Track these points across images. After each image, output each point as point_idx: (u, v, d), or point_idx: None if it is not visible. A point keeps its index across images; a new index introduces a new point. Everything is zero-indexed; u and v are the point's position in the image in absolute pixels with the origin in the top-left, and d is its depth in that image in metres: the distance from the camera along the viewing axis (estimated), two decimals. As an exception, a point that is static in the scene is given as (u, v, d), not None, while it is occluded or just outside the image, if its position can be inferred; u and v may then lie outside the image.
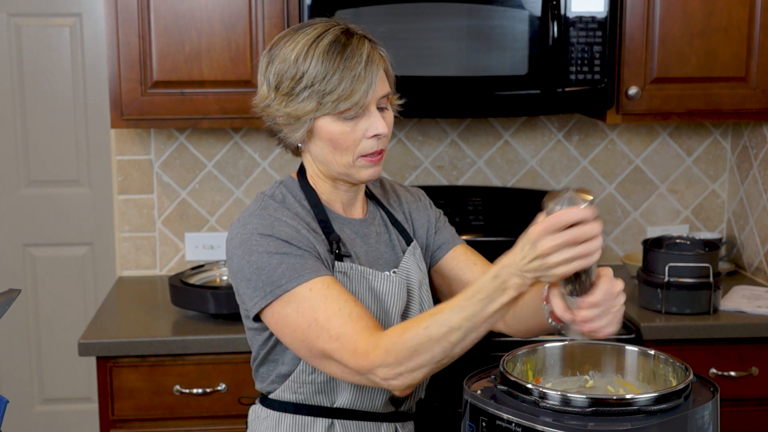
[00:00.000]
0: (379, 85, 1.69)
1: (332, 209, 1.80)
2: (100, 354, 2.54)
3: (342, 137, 1.69)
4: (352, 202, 1.83)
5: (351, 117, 1.68)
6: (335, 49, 1.66)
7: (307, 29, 1.70)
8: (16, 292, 1.52)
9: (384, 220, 1.88)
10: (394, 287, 1.77)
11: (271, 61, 1.71)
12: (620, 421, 1.41)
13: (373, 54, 1.68)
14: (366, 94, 1.66)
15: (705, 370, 2.63)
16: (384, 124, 1.70)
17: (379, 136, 1.71)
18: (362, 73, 1.65)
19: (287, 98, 1.68)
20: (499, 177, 3.21)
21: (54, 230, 3.51)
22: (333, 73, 1.64)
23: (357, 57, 1.66)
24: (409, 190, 1.98)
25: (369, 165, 1.74)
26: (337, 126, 1.68)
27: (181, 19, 2.68)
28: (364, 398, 1.77)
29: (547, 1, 2.65)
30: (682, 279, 2.65)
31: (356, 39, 1.68)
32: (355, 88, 1.65)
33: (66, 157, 3.46)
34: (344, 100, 1.65)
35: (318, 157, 1.75)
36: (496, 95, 2.72)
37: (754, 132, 3.08)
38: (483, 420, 1.48)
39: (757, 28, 2.79)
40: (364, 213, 1.86)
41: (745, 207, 3.14)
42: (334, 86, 1.65)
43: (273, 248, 1.65)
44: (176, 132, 3.10)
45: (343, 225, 1.79)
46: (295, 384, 1.76)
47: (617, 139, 3.22)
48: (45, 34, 3.39)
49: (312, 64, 1.65)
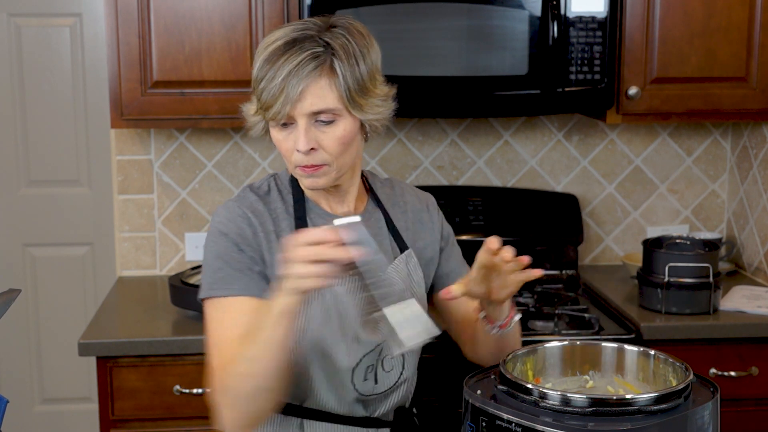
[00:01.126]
0: (308, 99, 1.64)
1: (319, 205, 1.81)
2: (100, 354, 2.54)
3: (278, 144, 1.72)
4: (338, 201, 1.82)
5: (287, 127, 1.69)
6: (274, 56, 1.65)
7: (278, 31, 1.69)
8: (16, 292, 1.52)
9: (380, 223, 1.87)
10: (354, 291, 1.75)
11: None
12: (620, 421, 1.41)
13: (304, 67, 1.63)
14: (283, 107, 1.65)
15: (705, 370, 2.63)
16: (303, 142, 1.66)
17: (300, 151, 1.68)
18: (279, 87, 1.63)
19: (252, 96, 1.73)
20: (499, 177, 3.21)
21: (54, 230, 3.51)
22: (261, 80, 1.66)
23: (286, 66, 1.63)
24: (419, 196, 1.97)
25: (305, 175, 1.72)
26: (275, 132, 1.72)
27: (181, 19, 2.68)
28: (329, 400, 1.77)
29: (547, 1, 2.65)
30: (682, 279, 2.65)
31: (299, 48, 1.64)
32: (274, 100, 1.65)
33: (66, 157, 3.47)
34: (265, 110, 1.67)
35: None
36: (496, 95, 2.72)
37: (754, 132, 3.08)
38: (483, 420, 1.48)
39: (757, 28, 2.79)
40: (357, 211, 1.85)
41: (745, 207, 3.14)
42: (259, 94, 1.67)
43: (222, 251, 1.73)
44: (176, 132, 3.10)
45: (327, 222, 1.76)
46: None
47: (617, 139, 3.22)
48: (45, 34, 3.39)
49: (256, 68, 1.68)
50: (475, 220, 3.07)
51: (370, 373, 1.78)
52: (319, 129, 1.68)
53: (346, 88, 1.66)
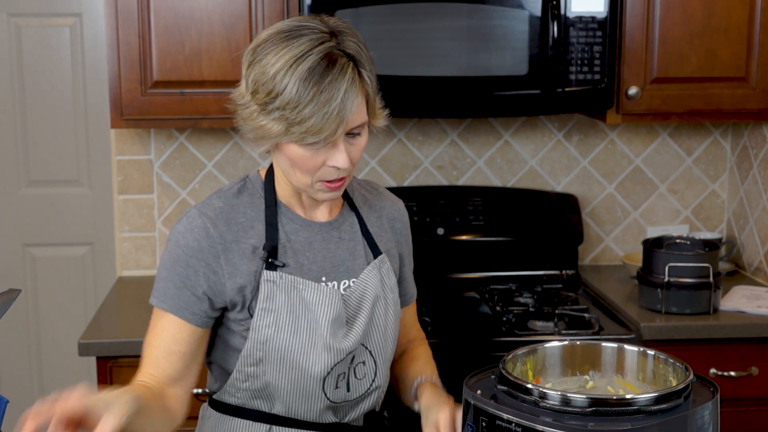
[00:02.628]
0: (353, 118, 1.60)
1: (292, 210, 1.77)
2: (100, 354, 2.54)
3: (302, 161, 1.64)
4: (315, 206, 1.79)
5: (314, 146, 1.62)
6: (314, 77, 1.56)
7: (294, 42, 1.59)
8: (16, 292, 1.52)
9: (354, 227, 1.83)
10: (325, 298, 1.72)
11: (253, 62, 1.63)
12: (620, 421, 1.41)
13: (352, 85, 1.58)
14: (335, 133, 1.59)
15: (705, 370, 2.63)
16: (345, 158, 1.62)
17: (338, 168, 1.64)
18: (336, 110, 1.56)
19: (260, 110, 1.61)
20: (499, 177, 3.21)
21: (54, 230, 3.51)
22: (305, 105, 1.56)
23: (334, 91, 1.56)
24: (394, 203, 1.93)
25: (327, 190, 1.68)
26: (299, 150, 1.62)
27: (181, 19, 2.68)
28: (299, 408, 1.75)
29: (547, 1, 2.65)
30: (682, 279, 2.65)
31: (339, 65, 1.58)
32: (324, 125, 1.57)
33: (66, 157, 3.46)
34: (312, 135, 1.58)
35: (281, 167, 1.71)
36: (496, 95, 2.72)
37: (754, 132, 3.08)
38: (483, 420, 1.48)
39: (757, 28, 2.79)
40: (332, 216, 1.81)
41: (745, 207, 3.14)
42: (304, 118, 1.56)
43: (170, 262, 1.72)
44: (176, 132, 3.10)
45: (300, 227, 1.76)
46: (233, 388, 1.77)
47: (617, 139, 3.22)
48: (45, 34, 3.39)
49: (288, 88, 1.56)
50: (475, 220, 3.07)
51: (342, 381, 1.75)
52: (348, 142, 1.64)
53: (372, 99, 1.65)
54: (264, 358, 1.71)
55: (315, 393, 1.73)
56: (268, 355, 1.70)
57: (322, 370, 1.71)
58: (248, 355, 1.72)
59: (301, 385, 1.72)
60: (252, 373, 1.73)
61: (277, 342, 1.70)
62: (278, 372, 1.71)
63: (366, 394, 1.80)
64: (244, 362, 1.72)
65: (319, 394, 1.73)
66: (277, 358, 1.71)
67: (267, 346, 1.70)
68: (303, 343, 1.70)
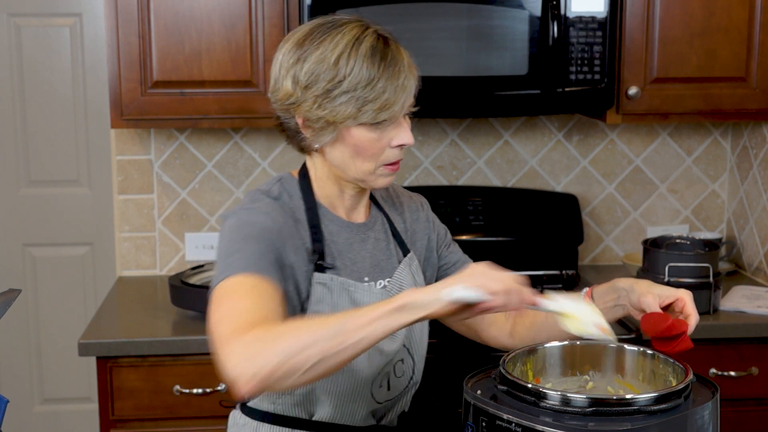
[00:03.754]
0: (412, 95, 1.67)
1: (333, 212, 1.76)
2: (100, 354, 2.54)
3: (368, 145, 1.65)
4: (355, 207, 1.79)
5: (381, 126, 1.64)
6: (377, 55, 1.61)
7: (341, 29, 1.64)
8: (16, 292, 1.52)
9: (384, 226, 1.84)
10: (375, 299, 1.72)
11: (301, 58, 1.63)
12: (620, 421, 1.41)
13: (410, 62, 1.67)
14: (404, 106, 1.64)
15: (705, 370, 2.63)
16: (410, 134, 1.68)
17: (404, 146, 1.68)
18: (404, 82, 1.63)
19: (321, 99, 1.62)
20: (499, 177, 3.21)
21: (54, 230, 3.51)
22: (377, 81, 1.60)
23: (399, 65, 1.63)
24: (412, 197, 1.94)
25: (388, 174, 1.70)
26: (366, 133, 1.64)
27: (181, 19, 2.68)
28: (345, 412, 1.74)
29: (547, 1, 2.65)
30: (682, 279, 2.65)
31: (393, 45, 1.65)
32: (397, 98, 1.62)
33: (66, 157, 3.47)
34: (385, 110, 1.61)
35: (335, 161, 1.69)
36: (496, 95, 2.72)
37: (754, 132, 3.08)
38: (483, 420, 1.48)
39: (757, 28, 2.79)
40: (366, 217, 1.82)
41: (745, 207, 3.14)
42: (377, 94, 1.60)
43: (243, 240, 1.60)
44: (176, 132, 3.10)
45: (341, 229, 1.76)
46: (274, 395, 1.74)
47: (617, 139, 3.22)
48: (45, 34, 3.39)
49: (356, 69, 1.60)
50: (475, 220, 3.07)
51: (384, 380, 1.76)
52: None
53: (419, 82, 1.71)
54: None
55: (363, 395, 1.73)
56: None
57: (374, 371, 1.72)
58: None
59: (350, 387, 1.71)
60: None
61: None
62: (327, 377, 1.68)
63: (404, 391, 1.81)
64: None
65: (366, 396, 1.73)
66: None
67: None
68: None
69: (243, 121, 2.77)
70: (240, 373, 1.41)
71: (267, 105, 2.71)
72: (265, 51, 2.68)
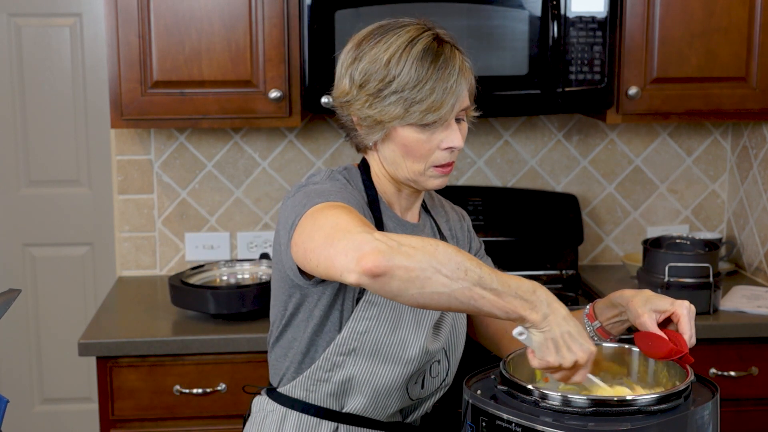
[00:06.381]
0: (464, 97, 1.67)
1: (391, 209, 1.78)
2: (100, 354, 2.54)
3: (417, 146, 1.67)
4: (409, 207, 1.82)
5: (430, 127, 1.66)
6: (428, 57, 1.63)
7: (399, 31, 1.67)
8: (16, 292, 1.52)
9: (434, 230, 1.87)
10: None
11: (357, 58, 1.68)
12: (620, 421, 1.41)
13: (463, 66, 1.67)
14: (453, 108, 1.65)
15: (705, 370, 2.63)
16: (460, 137, 1.68)
17: (454, 149, 1.69)
18: (454, 85, 1.64)
19: (372, 99, 1.66)
20: (499, 177, 3.21)
21: (54, 230, 3.51)
22: (425, 82, 1.62)
23: (450, 68, 1.64)
24: (455, 209, 1.97)
25: (439, 175, 1.72)
26: (414, 134, 1.66)
27: (181, 19, 2.68)
28: (378, 405, 1.75)
29: (547, 1, 2.65)
30: (682, 279, 2.65)
31: (447, 48, 1.66)
32: (444, 100, 1.63)
33: (66, 157, 3.47)
34: (432, 112, 1.63)
35: (387, 159, 1.73)
36: (496, 95, 2.72)
37: (754, 132, 3.08)
38: (483, 420, 1.48)
39: (757, 28, 2.79)
40: (418, 219, 1.84)
41: (745, 207, 3.14)
42: (425, 96, 1.63)
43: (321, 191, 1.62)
44: (176, 132, 3.10)
45: (397, 226, 1.78)
46: (309, 381, 1.74)
47: (617, 139, 3.22)
48: (45, 34, 3.40)
49: (405, 70, 1.63)
50: (475, 220, 3.07)
51: (420, 378, 1.78)
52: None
53: (472, 86, 1.71)
54: (358, 348, 1.70)
55: (398, 389, 1.74)
56: (363, 346, 1.69)
57: (415, 368, 1.72)
58: (341, 344, 1.70)
59: (387, 380, 1.72)
60: (340, 363, 1.71)
61: (376, 334, 1.69)
62: (368, 364, 1.71)
63: (435, 392, 1.82)
64: (334, 350, 1.71)
65: (402, 392, 1.74)
66: (371, 351, 1.70)
67: (364, 337, 1.69)
68: (403, 339, 1.70)
69: (243, 121, 2.77)
70: (376, 248, 1.38)
71: (267, 105, 2.73)
72: (265, 51, 2.68)
